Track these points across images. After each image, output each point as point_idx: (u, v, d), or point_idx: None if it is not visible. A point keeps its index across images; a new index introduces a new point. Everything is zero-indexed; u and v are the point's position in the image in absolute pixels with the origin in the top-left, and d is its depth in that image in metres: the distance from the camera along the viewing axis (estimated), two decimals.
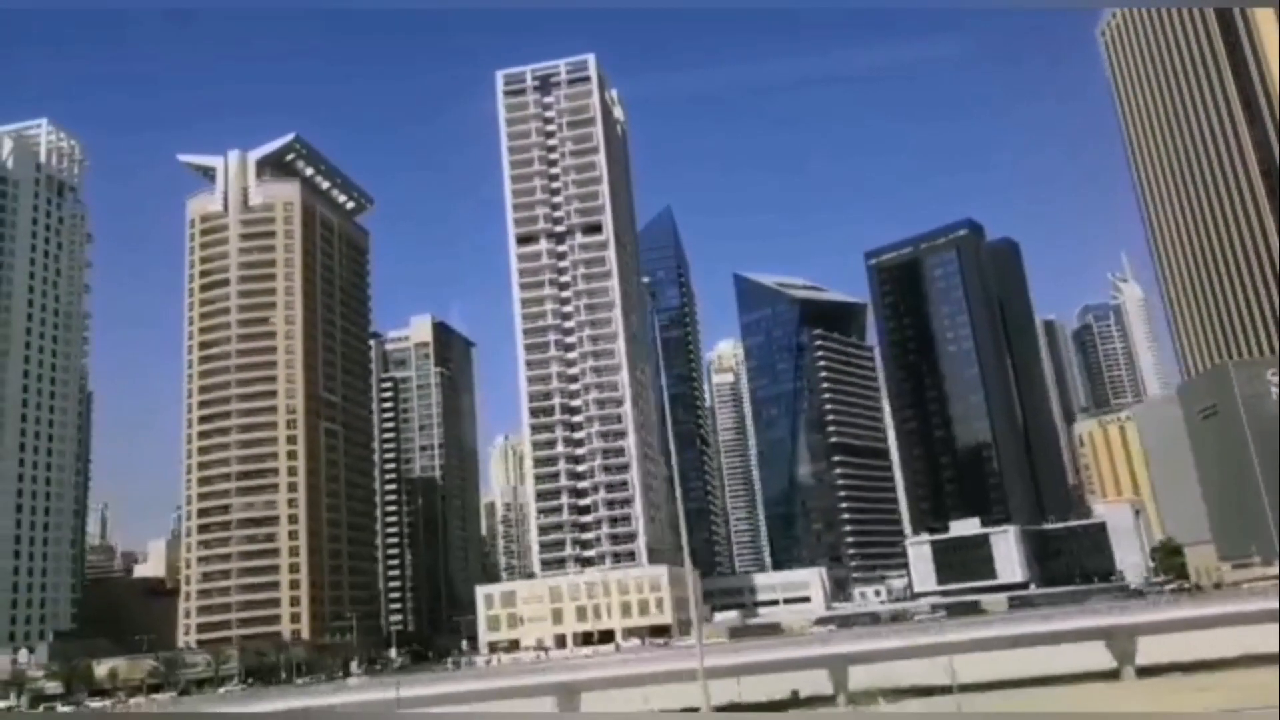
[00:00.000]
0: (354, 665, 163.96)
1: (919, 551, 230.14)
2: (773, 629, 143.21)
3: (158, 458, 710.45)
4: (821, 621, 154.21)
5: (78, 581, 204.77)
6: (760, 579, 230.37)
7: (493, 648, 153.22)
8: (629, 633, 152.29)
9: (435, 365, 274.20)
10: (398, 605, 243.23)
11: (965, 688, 73.19)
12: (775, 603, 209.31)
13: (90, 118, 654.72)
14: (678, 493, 62.11)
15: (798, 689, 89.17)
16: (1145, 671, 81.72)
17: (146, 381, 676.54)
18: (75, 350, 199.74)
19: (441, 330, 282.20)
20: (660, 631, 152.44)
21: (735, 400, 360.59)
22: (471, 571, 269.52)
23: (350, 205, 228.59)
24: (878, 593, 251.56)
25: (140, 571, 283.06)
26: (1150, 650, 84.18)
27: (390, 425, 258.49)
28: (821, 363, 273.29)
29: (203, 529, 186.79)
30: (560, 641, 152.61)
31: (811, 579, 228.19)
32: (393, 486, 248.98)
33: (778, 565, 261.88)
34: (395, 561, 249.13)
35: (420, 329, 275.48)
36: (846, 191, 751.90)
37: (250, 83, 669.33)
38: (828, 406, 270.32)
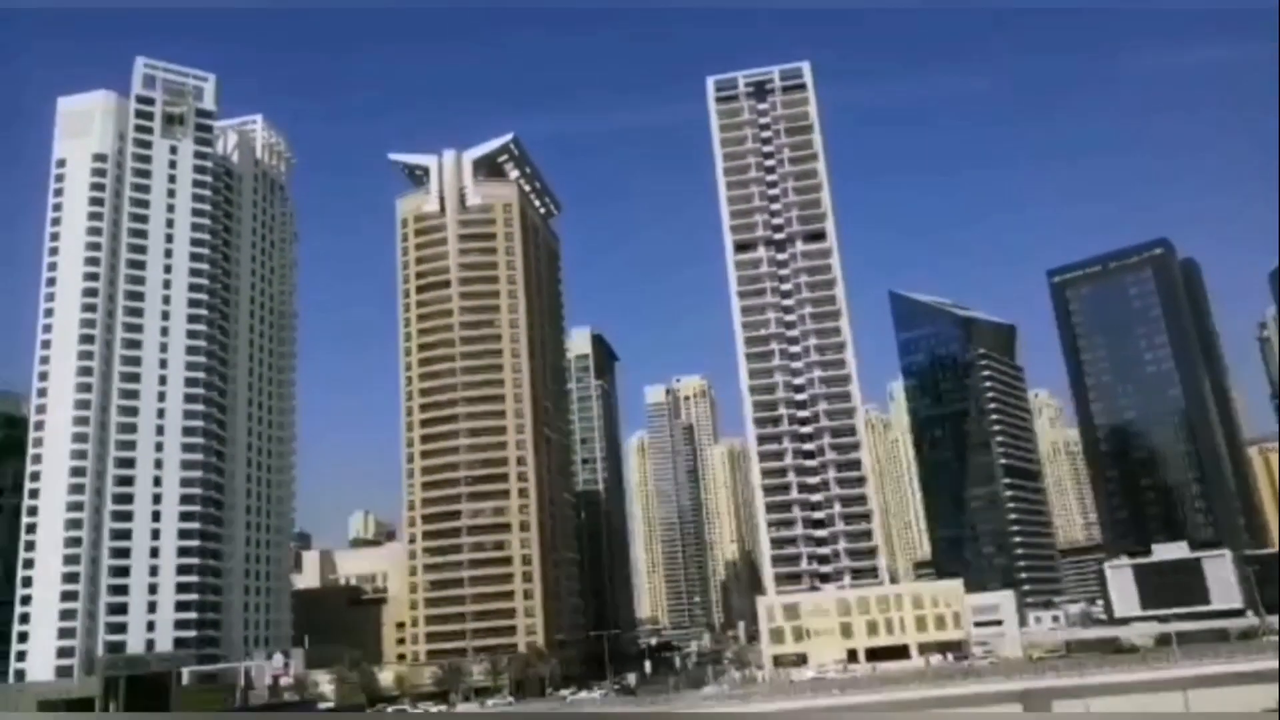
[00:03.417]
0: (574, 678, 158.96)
1: (1120, 575, 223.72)
2: (1111, 643, 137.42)
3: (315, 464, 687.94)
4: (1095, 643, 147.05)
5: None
6: None
7: (778, 662, 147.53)
8: (923, 648, 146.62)
9: (595, 378, 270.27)
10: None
11: None
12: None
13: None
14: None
15: None
16: None
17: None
18: (289, 350, 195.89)
19: (599, 343, 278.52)
20: (952, 647, 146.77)
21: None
22: (619, 584, 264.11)
23: (541, 210, 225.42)
24: (1055, 618, 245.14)
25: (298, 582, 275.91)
26: None
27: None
28: (988, 383, 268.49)
29: (428, 535, 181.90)
30: (852, 656, 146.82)
31: (1004, 601, 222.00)
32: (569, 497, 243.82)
33: None
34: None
35: (580, 340, 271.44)
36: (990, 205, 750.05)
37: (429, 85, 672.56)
38: (996, 428, 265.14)
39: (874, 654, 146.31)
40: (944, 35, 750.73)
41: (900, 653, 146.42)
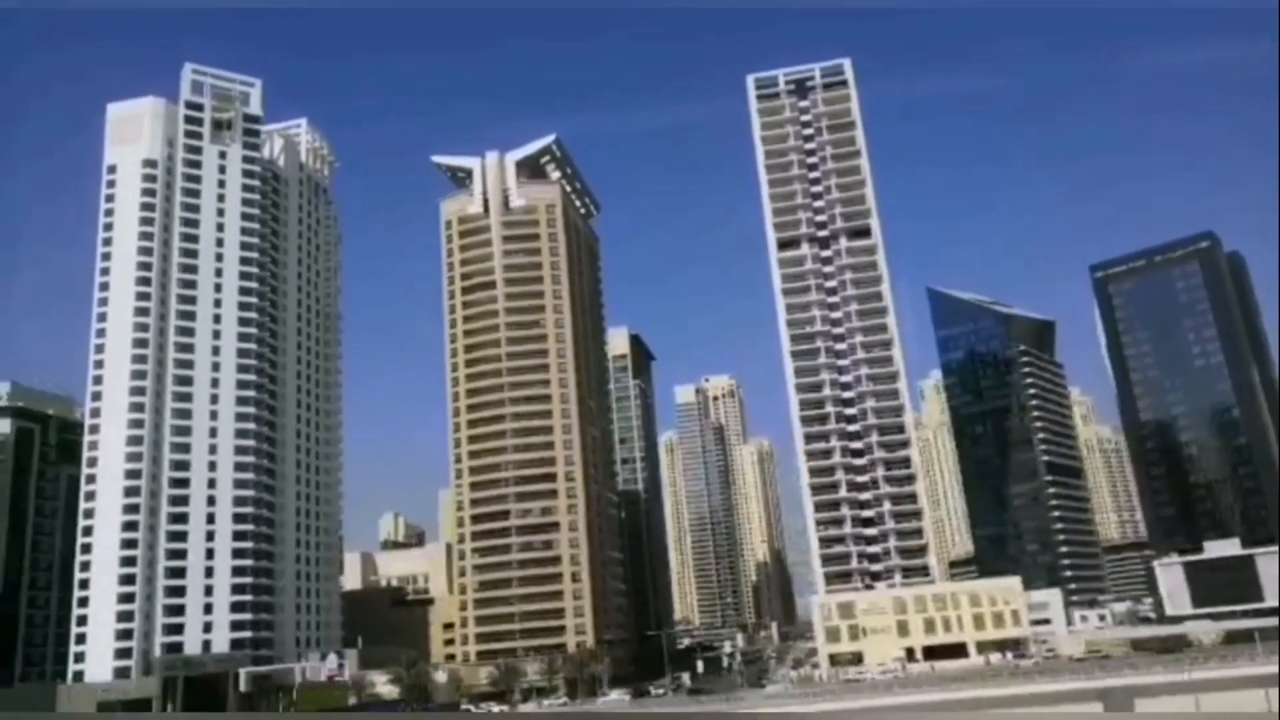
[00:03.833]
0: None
1: (1170, 573, 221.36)
2: (1180, 640, 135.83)
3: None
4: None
5: None
6: None
7: (834, 660, 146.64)
8: (980, 646, 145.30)
9: (634, 378, 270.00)
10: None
11: None
12: None
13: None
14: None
15: None
16: None
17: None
18: (335, 353, 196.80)
19: (636, 342, 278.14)
20: (1011, 645, 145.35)
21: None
22: (659, 584, 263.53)
23: (581, 210, 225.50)
24: (1102, 617, 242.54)
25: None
26: None
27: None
28: (1029, 379, 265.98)
29: (477, 536, 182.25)
30: (908, 655, 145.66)
31: (1052, 600, 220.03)
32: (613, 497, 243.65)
33: None
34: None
35: (618, 340, 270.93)
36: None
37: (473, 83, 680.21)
38: (1038, 424, 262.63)
39: (930, 652, 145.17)
40: (960, 35, 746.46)
41: (957, 651, 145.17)
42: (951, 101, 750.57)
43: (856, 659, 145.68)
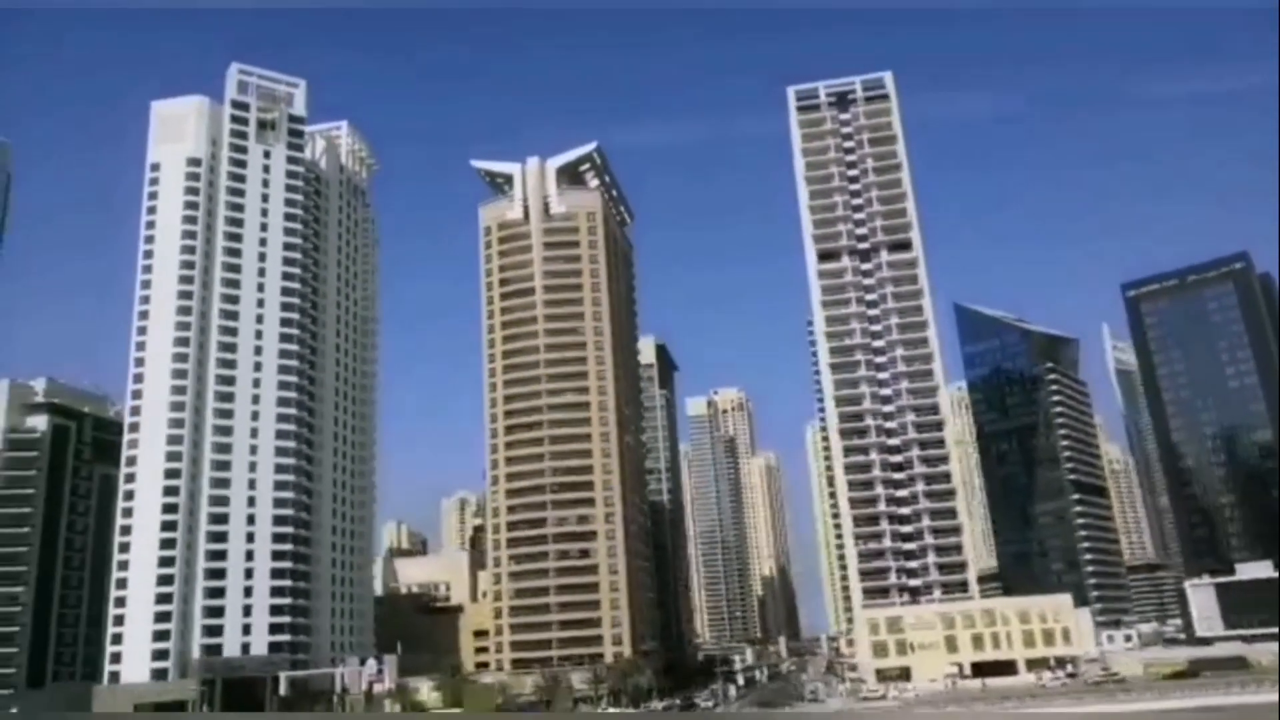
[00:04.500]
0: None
1: (1201, 594, 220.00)
2: (1240, 660, 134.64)
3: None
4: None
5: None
6: None
7: (881, 675, 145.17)
8: (1030, 664, 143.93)
9: (660, 388, 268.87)
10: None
11: None
12: None
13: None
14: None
15: None
16: None
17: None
18: (372, 356, 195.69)
19: (662, 352, 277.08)
20: (1061, 663, 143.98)
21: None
22: (682, 596, 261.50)
23: (617, 218, 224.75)
24: (1128, 637, 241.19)
25: None
26: None
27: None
28: (1055, 397, 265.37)
29: (513, 543, 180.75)
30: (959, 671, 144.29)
31: (1080, 618, 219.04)
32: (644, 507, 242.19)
33: None
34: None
35: (645, 350, 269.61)
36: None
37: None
38: (1064, 442, 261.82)
39: (979, 669, 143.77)
40: (985, 47, 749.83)
41: (1005, 668, 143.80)
42: (971, 116, 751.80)
43: (904, 674, 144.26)
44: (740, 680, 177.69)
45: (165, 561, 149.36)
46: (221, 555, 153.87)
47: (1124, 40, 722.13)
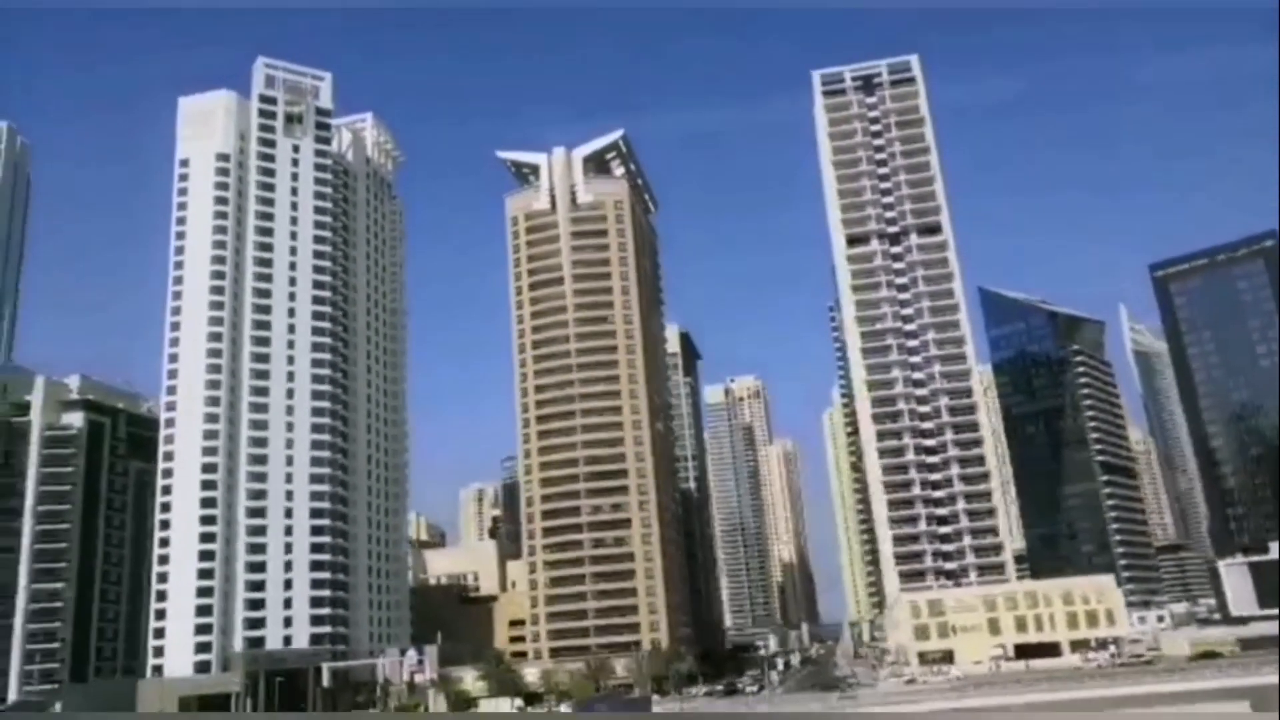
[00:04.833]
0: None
1: (1234, 573, 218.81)
2: None
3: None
4: None
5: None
6: None
7: (923, 658, 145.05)
8: (1074, 645, 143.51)
9: (684, 376, 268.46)
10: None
11: None
12: None
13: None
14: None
15: None
16: None
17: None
18: (401, 349, 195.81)
19: (686, 340, 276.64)
20: (1104, 644, 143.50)
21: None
22: (710, 583, 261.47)
23: (641, 206, 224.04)
24: (1160, 618, 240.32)
25: None
26: None
27: None
28: (1082, 379, 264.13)
29: (547, 532, 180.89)
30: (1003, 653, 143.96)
31: (1117, 600, 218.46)
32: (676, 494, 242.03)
33: None
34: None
35: (670, 339, 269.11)
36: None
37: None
38: (1091, 424, 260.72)
39: (1021, 651, 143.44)
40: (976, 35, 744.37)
41: (1048, 650, 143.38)
42: (990, 103, 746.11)
43: (946, 657, 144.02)
44: (780, 665, 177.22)
45: (205, 555, 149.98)
46: (261, 548, 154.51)
47: (1148, 26, 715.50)
